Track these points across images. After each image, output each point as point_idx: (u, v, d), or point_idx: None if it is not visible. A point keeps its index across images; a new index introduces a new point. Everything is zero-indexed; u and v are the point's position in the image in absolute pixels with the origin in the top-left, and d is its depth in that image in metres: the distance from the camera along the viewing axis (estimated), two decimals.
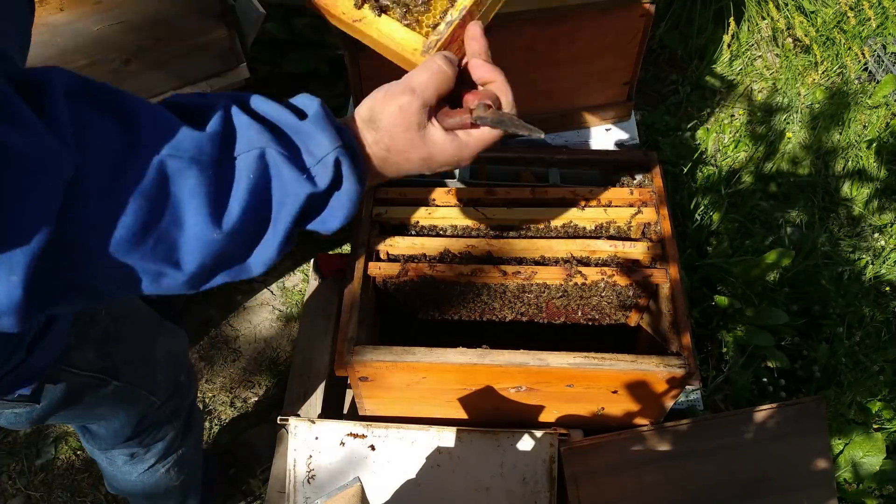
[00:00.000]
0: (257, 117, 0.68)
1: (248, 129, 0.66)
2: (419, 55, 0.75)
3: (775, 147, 2.77)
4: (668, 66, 3.07)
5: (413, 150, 0.73)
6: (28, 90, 0.56)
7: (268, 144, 0.65)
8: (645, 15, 1.73)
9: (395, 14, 0.80)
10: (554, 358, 1.33)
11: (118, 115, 0.60)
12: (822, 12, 3.04)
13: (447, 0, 0.79)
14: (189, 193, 0.61)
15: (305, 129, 0.68)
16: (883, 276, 2.43)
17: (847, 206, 2.64)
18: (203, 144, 0.62)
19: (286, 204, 0.67)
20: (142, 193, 0.58)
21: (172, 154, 0.60)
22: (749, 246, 2.37)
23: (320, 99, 0.71)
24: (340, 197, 0.70)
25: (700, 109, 2.92)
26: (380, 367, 1.35)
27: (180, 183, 0.60)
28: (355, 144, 0.72)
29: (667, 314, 1.45)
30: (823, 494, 1.54)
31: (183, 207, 0.61)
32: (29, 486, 1.95)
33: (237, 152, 0.65)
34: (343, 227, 0.75)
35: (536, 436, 1.47)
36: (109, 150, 0.58)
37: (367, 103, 0.74)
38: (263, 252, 0.68)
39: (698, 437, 1.50)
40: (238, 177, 0.64)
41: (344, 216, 0.72)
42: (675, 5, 3.08)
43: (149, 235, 0.60)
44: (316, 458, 1.48)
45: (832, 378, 2.09)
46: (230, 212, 0.63)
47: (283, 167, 0.66)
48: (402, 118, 0.71)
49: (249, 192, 0.64)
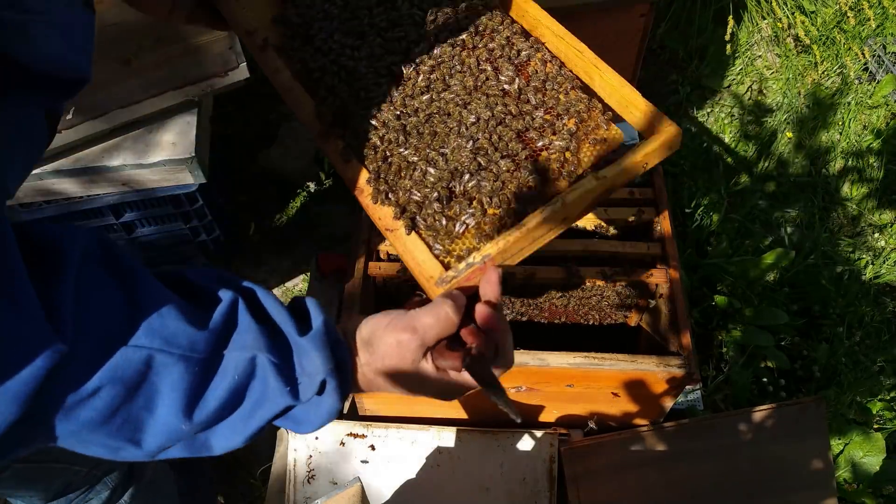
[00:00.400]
0: (259, 316, 0.68)
1: (247, 331, 0.66)
2: (433, 284, 0.76)
3: (775, 147, 2.77)
4: (668, 66, 3.07)
5: (401, 381, 0.74)
6: (43, 254, 0.56)
7: (261, 350, 0.66)
8: (645, 15, 1.73)
9: (424, 234, 0.81)
10: (554, 358, 1.33)
11: (126, 296, 0.61)
12: (822, 12, 3.04)
13: (475, 238, 0.80)
14: (170, 386, 0.61)
15: (303, 345, 0.68)
16: (883, 276, 2.43)
17: (847, 206, 2.64)
18: (197, 343, 0.62)
19: (263, 407, 0.67)
20: (121, 381, 0.59)
21: (163, 349, 0.60)
22: (749, 246, 2.36)
23: (326, 316, 0.71)
24: (319, 410, 0.70)
25: (700, 109, 2.93)
26: None
27: (163, 374, 0.61)
28: (347, 363, 0.72)
29: (667, 314, 1.45)
30: (823, 494, 1.54)
31: (159, 397, 0.61)
32: None
33: (229, 349, 0.65)
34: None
35: (536, 436, 1.47)
36: (104, 336, 0.58)
37: (370, 325, 0.74)
38: (228, 440, 0.68)
39: (698, 437, 1.50)
40: (222, 373, 0.64)
41: (317, 426, 0.72)
42: (675, 5, 3.08)
43: (117, 417, 0.60)
44: (316, 458, 1.48)
45: (832, 378, 2.09)
46: (205, 406, 0.63)
47: (269, 375, 0.66)
48: (398, 352, 0.72)
49: (230, 391, 0.64)
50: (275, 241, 2.43)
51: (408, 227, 0.82)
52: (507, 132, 0.87)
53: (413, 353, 0.72)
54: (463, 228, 0.80)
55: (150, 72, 1.77)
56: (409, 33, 0.96)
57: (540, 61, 0.93)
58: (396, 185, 0.84)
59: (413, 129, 0.88)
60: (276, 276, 2.37)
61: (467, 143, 0.86)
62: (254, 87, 2.67)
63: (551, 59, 0.94)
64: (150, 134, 1.85)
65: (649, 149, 0.82)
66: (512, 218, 0.80)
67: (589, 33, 1.76)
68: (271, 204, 2.52)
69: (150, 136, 1.85)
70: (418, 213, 0.83)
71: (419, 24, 0.97)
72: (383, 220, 0.84)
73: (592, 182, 0.80)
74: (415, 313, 0.73)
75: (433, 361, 0.73)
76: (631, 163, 0.81)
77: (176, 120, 1.87)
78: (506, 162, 0.84)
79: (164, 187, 1.93)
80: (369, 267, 1.47)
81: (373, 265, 1.48)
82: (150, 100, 1.80)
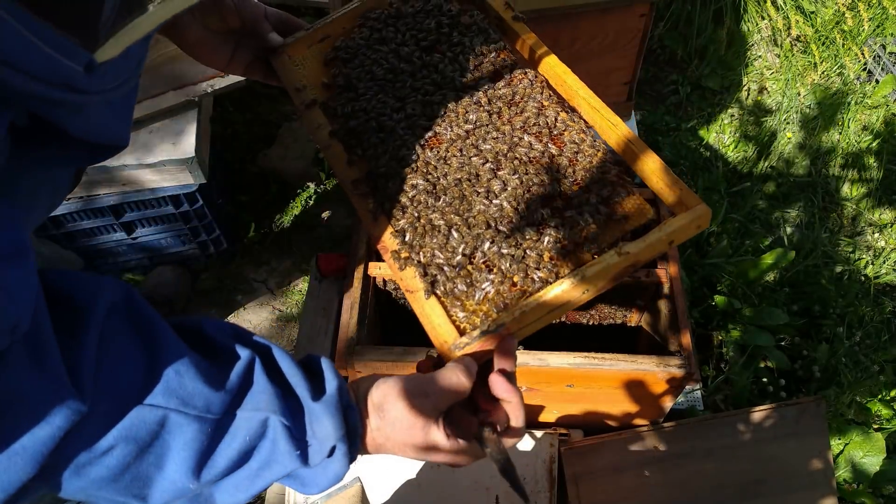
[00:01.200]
0: (275, 377, 0.69)
1: (262, 392, 0.67)
2: (448, 347, 0.77)
3: (775, 147, 2.77)
4: (668, 66, 3.07)
5: (410, 445, 0.73)
6: (67, 306, 0.57)
7: (274, 412, 0.66)
8: (645, 15, 1.73)
9: (443, 298, 0.82)
10: (554, 358, 1.33)
11: (146, 353, 0.61)
12: (821, 12, 3.04)
13: (493, 307, 0.80)
14: (181, 446, 0.61)
15: (316, 410, 0.68)
16: (883, 276, 2.43)
17: (847, 206, 2.64)
18: (213, 404, 0.63)
19: (271, 468, 0.67)
20: (135, 440, 0.59)
21: (179, 409, 0.61)
22: (749, 246, 2.37)
23: (340, 380, 0.71)
24: (326, 473, 0.70)
25: (700, 109, 2.93)
26: (380, 366, 1.35)
27: (176, 434, 0.61)
28: (358, 428, 0.72)
29: (667, 314, 1.45)
30: (823, 494, 1.54)
31: (169, 455, 0.61)
32: None
33: (242, 409, 0.66)
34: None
35: (536, 436, 1.47)
36: (122, 395, 0.59)
37: (382, 390, 0.74)
38: (232, 496, 0.67)
39: (698, 437, 1.50)
40: (234, 434, 0.65)
41: (323, 488, 0.72)
42: (675, 5, 3.08)
43: (127, 475, 0.60)
44: None
45: (832, 378, 2.09)
46: (214, 465, 0.64)
47: (280, 438, 0.66)
48: (409, 418, 0.71)
49: (240, 451, 0.65)
50: (275, 241, 2.43)
51: (427, 292, 0.82)
52: (534, 200, 0.86)
53: (425, 419, 0.71)
54: (482, 295, 0.80)
55: (150, 72, 1.77)
56: (448, 97, 0.97)
57: (576, 131, 0.92)
58: (421, 247, 0.85)
59: (441, 192, 0.89)
60: (276, 276, 2.37)
61: (492, 209, 0.86)
62: (254, 87, 2.68)
63: (587, 128, 0.93)
64: (150, 134, 1.85)
65: (677, 225, 0.79)
66: (531, 287, 0.79)
67: (589, 33, 1.77)
68: (271, 204, 2.52)
69: (151, 136, 1.85)
70: (439, 275, 0.83)
71: (459, 89, 0.97)
72: (405, 282, 0.85)
73: (615, 258, 0.78)
74: (428, 378, 0.73)
75: (444, 428, 0.72)
76: (657, 240, 0.79)
77: (176, 120, 1.87)
78: (529, 231, 0.83)
79: (164, 187, 1.94)
80: (369, 267, 1.47)
81: (373, 265, 1.48)
82: (151, 100, 1.80)
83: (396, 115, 0.96)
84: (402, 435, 0.72)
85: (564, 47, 1.73)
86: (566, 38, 1.71)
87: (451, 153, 0.92)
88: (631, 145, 0.88)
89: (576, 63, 1.82)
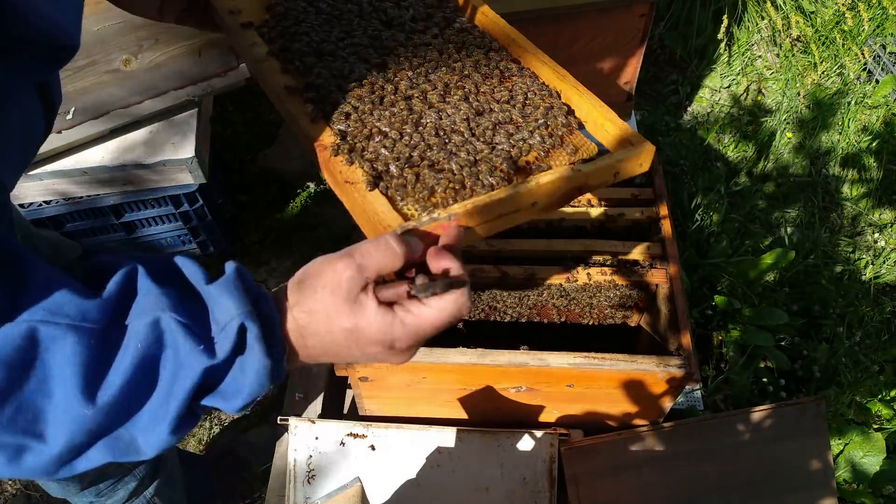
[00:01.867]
0: (167, 279, 0.61)
1: (148, 293, 0.59)
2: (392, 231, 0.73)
3: (774, 147, 2.77)
4: (668, 66, 3.07)
5: (337, 318, 0.63)
6: None
7: (164, 310, 0.58)
8: (645, 15, 1.73)
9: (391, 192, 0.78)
10: (554, 358, 1.33)
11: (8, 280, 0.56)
12: (821, 12, 3.04)
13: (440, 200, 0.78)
14: (62, 362, 0.55)
15: (212, 293, 0.61)
16: (883, 276, 2.43)
17: (847, 206, 2.64)
18: (89, 312, 0.57)
19: (179, 377, 0.59)
20: (2, 361, 0.54)
21: (47, 319, 0.55)
22: (749, 246, 2.37)
23: (240, 266, 0.64)
24: (246, 372, 0.61)
25: (700, 109, 2.93)
26: (380, 367, 1.35)
27: (53, 350, 0.55)
28: (272, 312, 0.63)
29: (667, 314, 1.45)
30: (823, 494, 1.54)
31: (52, 376, 0.55)
32: (29, 486, 1.95)
33: (130, 318, 0.59)
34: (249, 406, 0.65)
35: (536, 436, 1.47)
36: None
37: (302, 269, 0.67)
38: (153, 431, 0.60)
39: (698, 437, 1.50)
40: (125, 345, 0.58)
41: (249, 392, 0.62)
42: (675, 5, 3.08)
43: (7, 406, 0.54)
44: (316, 459, 1.48)
45: (832, 378, 2.09)
46: (108, 384, 0.57)
47: (178, 335, 0.58)
48: (331, 280, 0.63)
49: (135, 363, 0.57)
50: (275, 241, 2.43)
51: (370, 183, 0.78)
52: (485, 122, 0.87)
53: (349, 280, 0.63)
54: (430, 191, 0.78)
55: (150, 72, 1.77)
56: (397, 37, 0.98)
57: (526, 77, 0.95)
58: (366, 145, 0.82)
59: (388, 104, 0.87)
60: (276, 276, 2.37)
61: (444, 122, 0.86)
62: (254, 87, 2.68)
63: (532, 74, 0.96)
64: (150, 134, 1.85)
65: (624, 156, 0.83)
66: (481, 192, 0.79)
67: (589, 33, 1.77)
68: (271, 204, 2.52)
69: (151, 136, 1.85)
70: (385, 171, 0.80)
71: (409, 32, 0.99)
72: (343, 173, 0.80)
73: (567, 171, 0.80)
74: (355, 245, 0.66)
75: (374, 293, 0.64)
76: (606, 165, 0.82)
77: (176, 120, 1.87)
78: (481, 144, 0.84)
79: (164, 187, 1.94)
80: None
81: None
82: (151, 100, 1.80)
83: (341, 42, 0.95)
84: (326, 304, 0.63)
85: (564, 47, 1.73)
86: (566, 38, 1.71)
87: (400, 78, 0.91)
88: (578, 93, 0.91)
89: (576, 63, 1.83)
